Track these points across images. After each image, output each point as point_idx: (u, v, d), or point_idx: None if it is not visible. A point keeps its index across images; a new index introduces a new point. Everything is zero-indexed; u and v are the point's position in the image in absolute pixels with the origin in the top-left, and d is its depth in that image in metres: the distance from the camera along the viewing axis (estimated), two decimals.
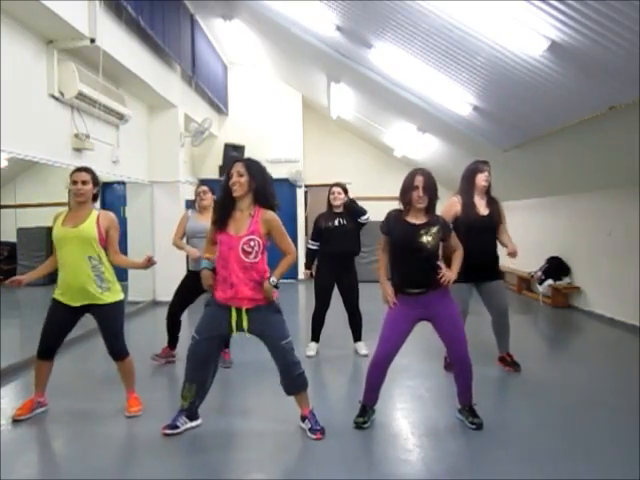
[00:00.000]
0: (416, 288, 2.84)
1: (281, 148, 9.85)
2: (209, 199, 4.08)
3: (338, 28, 5.56)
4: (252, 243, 2.65)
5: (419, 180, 2.76)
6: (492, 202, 3.85)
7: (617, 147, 4.78)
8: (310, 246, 4.55)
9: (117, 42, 5.22)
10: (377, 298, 2.98)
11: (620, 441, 2.75)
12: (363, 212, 4.36)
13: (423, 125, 7.57)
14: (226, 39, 8.87)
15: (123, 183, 7.66)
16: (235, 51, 9.47)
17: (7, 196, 8.66)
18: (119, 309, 3.12)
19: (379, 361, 2.86)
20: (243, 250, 2.65)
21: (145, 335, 5.52)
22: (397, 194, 2.85)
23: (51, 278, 3.22)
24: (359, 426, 2.89)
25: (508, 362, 3.94)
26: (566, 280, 6.72)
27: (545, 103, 4.68)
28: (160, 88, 6.54)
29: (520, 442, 2.75)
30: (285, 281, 9.55)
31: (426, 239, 2.79)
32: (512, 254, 3.74)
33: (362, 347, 4.46)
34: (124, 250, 7.23)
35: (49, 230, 3.09)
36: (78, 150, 5.07)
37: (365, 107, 8.81)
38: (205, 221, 3.57)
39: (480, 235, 3.68)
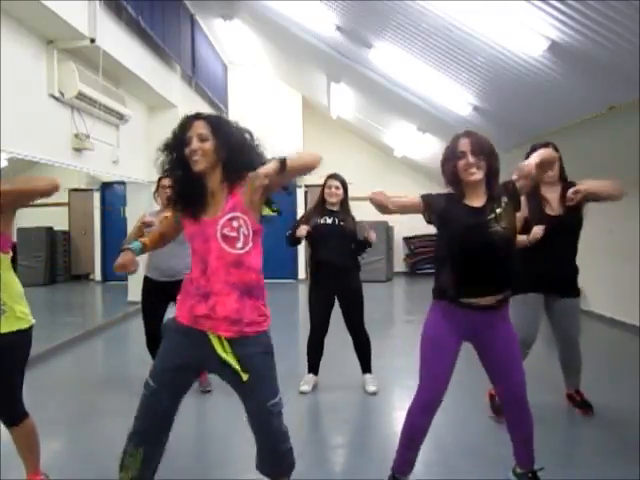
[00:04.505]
0: (481, 297, 1.95)
1: (281, 148, 9.83)
2: None
3: (338, 28, 5.57)
4: (235, 223, 1.75)
5: (464, 143, 1.96)
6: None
7: (617, 147, 4.78)
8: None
9: (117, 42, 5.22)
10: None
11: (620, 441, 2.75)
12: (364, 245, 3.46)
13: (423, 125, 7.58)
14: (226, 39, 8.89)
15: (123, 183, 7.66)
16: (235, 51, 9.49)
17: None
18: (17, 343, 1.98)
19: (425, 408, 2.02)
20: (224, 236, 1.74)
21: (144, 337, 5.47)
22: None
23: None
24: None
25: (577, 402, 3.14)
26: None
27: (545, 103, 4.69)
28: (160, 88, 6.54)
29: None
30: (285, 281, 9.64)
31: (498, 227, 1.91)
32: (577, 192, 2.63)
33: (370, 382, 3.47)
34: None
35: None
36: (78, 150, 5.07)
37: (365, 107, 8.82)
38: None
39: (553, 239, 2.81)
